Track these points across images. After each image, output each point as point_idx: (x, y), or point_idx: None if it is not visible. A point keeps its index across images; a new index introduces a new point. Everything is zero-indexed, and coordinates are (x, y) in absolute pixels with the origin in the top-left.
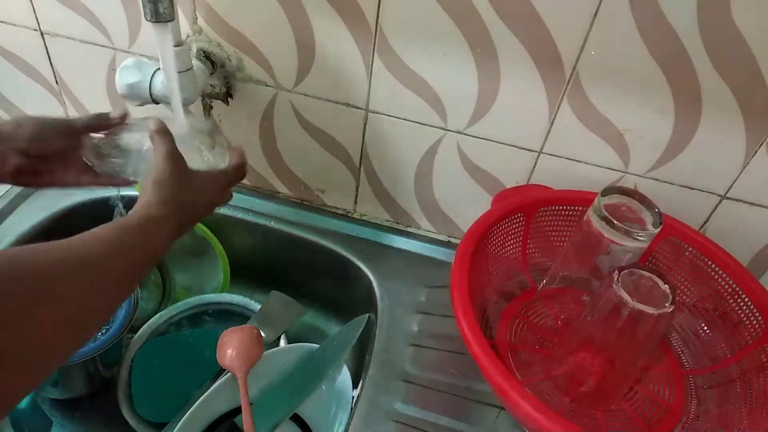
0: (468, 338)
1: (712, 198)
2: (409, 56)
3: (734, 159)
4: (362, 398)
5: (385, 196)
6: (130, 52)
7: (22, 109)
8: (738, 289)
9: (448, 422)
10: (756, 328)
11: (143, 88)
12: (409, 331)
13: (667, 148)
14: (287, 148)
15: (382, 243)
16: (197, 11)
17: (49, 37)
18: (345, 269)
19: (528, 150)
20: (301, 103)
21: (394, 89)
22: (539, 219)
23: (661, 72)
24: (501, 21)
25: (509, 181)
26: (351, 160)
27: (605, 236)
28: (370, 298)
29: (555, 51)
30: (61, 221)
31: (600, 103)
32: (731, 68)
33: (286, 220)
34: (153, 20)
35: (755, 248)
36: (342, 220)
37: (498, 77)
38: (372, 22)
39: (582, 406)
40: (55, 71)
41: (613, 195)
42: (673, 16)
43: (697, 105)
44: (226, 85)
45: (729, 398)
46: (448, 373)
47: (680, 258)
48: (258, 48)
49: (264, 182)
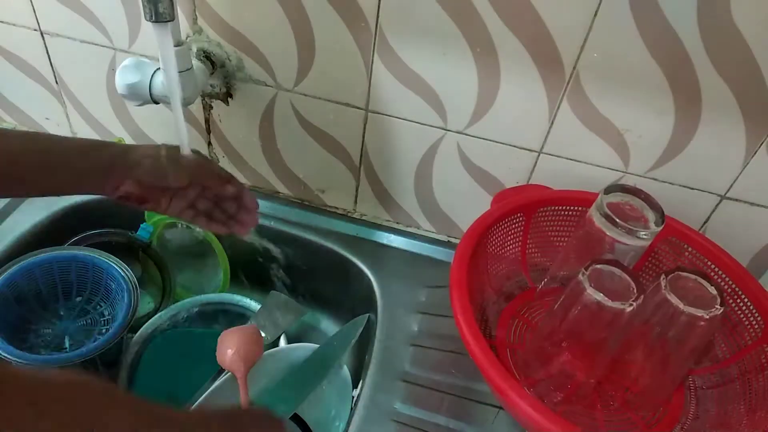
0: (467, 338)
1: (712, 198)
2: (409, 56)
3: (734, 159)
4: (362, 398)
5: (385, 196)
6: (130, 52)
7: (22, 109)
8: (737, 290)
9: (448, 422)
10: (755, 329)
11: (143, 88)
12: (409, 331)
13: (667, 148)
14: (287, 148)
15: (382, 243)
16: (197, 11)
17: (49, 37)
18: (345, 269)
19: (528, 150)
20: (301, 103)
21: (394, 89)
22: (539, 219)
23: (661, 72)
24: (501, 21)
25: (509, 181)
26: (351, 160)
27: (607, 234)
28: (370, 298)
29: (555, 51)
30: (61, 221)
31: (600, 103)
32: (731, 68)
33: (286, 220)
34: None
35: (755, 248)
36: (342, 220)
37: (498, 77)
38: (372, 22)
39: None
40: (55, 71)
41: (616, 193)
42: (673, 16)
43: (697, 105)
44: (226, 85)
45: (729, 398)
46: (448, 373)
47: (680, 258)
48: (258, 48)
49: (264, 182)
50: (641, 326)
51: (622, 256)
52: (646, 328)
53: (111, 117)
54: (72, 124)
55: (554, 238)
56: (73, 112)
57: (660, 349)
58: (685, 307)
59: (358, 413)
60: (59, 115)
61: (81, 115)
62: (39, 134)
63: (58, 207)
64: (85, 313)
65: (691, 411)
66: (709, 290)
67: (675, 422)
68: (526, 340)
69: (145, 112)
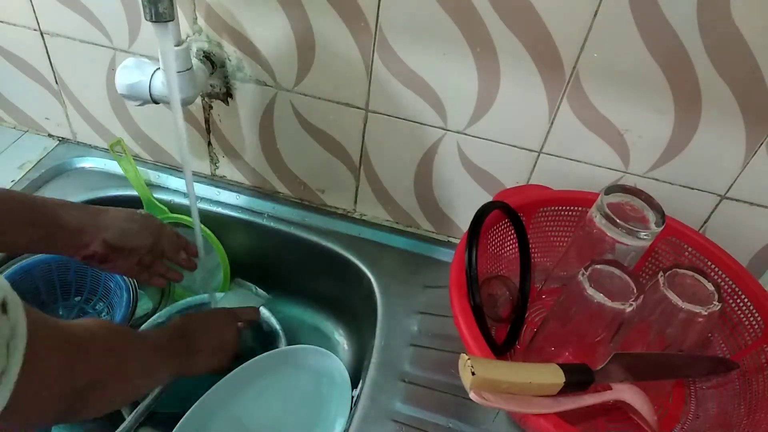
0: (466, 338)
1: (711, 198)
2: (409, 56)
3: (734, 159)
4: (362, 398)
5: (385, 196)
6: (130, 52)
7: (22, 109)
8: (737, 290)
9: (448, 422)
10: (755, 329)
11: (143, 88)
12: (409, 331)
13: (666, 148)
14: (287, 148)
15: (382, 243)
16: (197, 11)
17: (49, 37)
18: (345, 269)
19: (528, 150)
20: (301, 103)
21: (394, 89)
22: (539, 219)
23: (661, 72)
24: (501, 21)
25: (509, 181)
26: (351, 160)
27: (608, 235)
28: (370, 298)
29: (555, 51)
30: None
31: (600, 103)
32: (731, 68)
33: (286, 220)
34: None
35: (755, 248)
36: (342, 220)
37: (498, 77)
38: (372, 22)
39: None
40: (55, 71)
41: (617, 193)
42: (673, 16)
43: (697, 105)
44: (226, 85)
45: (729, 398)
46: (448, 373)
47: (680, 258)
48: (258, 48)
49: (264, 182)
50: (640, 324)
51: (622, 256)
52: (644, 325)
53: (111, 117)
54: (72, 124)
55: (554, 238)
56: (72, 112)
57: (658, 346)
58: (684, 303)
59: (358, 413)
60: (59, 115)
61: (81, 115)
62: (10, 193)
63: None
64: (83, 313)
65: (691, 411)
66: (707, 286)
67: (675, 422)
68: (526, 339)
69: (145, 112)
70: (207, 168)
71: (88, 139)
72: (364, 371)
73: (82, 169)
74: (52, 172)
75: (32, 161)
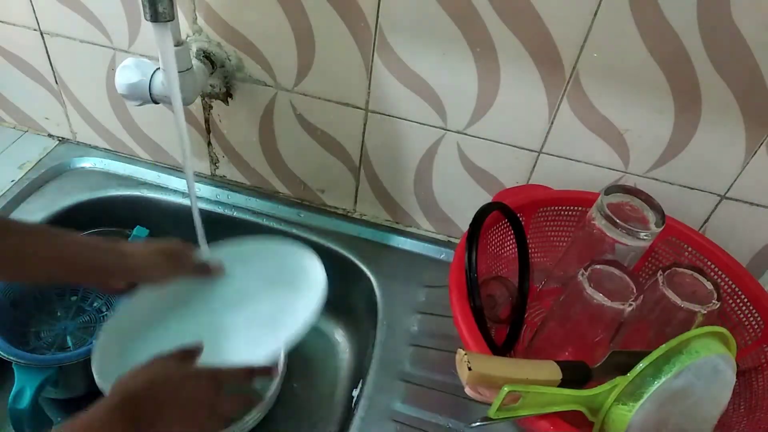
0: (467, 340)
1: (711, 198)
2: (409, 56)
3: (734, 159)
4: (362, 398)
5: (385, 196)
6: (130, 52)
7: (22, 109)
8: (737, 290)
9: (448, 422)
10: (755, 329)
11: (143, 87)
12: (409, 331)
13: (666, 148)
14: (287, 148)
15: (382, 243)
16: (197, 11)
17: (49, 37)
18: (345, 269)
19: (528, 150)
20: (301, 103)
21: (393, 89)
22: (539, 219)
23: (661, 72)
24: (501, 21)
25: (509, 181)
26: (351, 160)
27: (608, 235)
28: (370, 298)
29: (555, 51)
30: (61, 221)
31: (600, 103)
32: (731, 68)
33: (286, 220)
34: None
35: (755, 248)
36: (342, 220)
37: (498, 77)
38: (372, 22)
39: None
40: (55, 71)
41: (616, 193)
42: (673, 16)
43: (697, 105)
44: (226, 85)
45: None
46: (448, 373)
47: (680, 258)
48: (258, 48)
49: (264, 182)
50: (640, 323)
51: (622, 256)
52: (644, 324)
53: (111, 117)
54: (72, 124)
55: (554, 238)
56: (72, 112)
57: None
58: (683, 302)
59: (358, 413)
60: (59, 115)
61: (81, 115)
62: (38, 227)
63: (58, 207)
64: (82, 312)
65: None
66: (706, 285)
67: None
68: (526, 340)
69: (145, 112)
70: (207, 168)
71: (88, 139)
72: (364, 371)
73: (82, 169)
74: (52, 172)
75: (32, 161)
